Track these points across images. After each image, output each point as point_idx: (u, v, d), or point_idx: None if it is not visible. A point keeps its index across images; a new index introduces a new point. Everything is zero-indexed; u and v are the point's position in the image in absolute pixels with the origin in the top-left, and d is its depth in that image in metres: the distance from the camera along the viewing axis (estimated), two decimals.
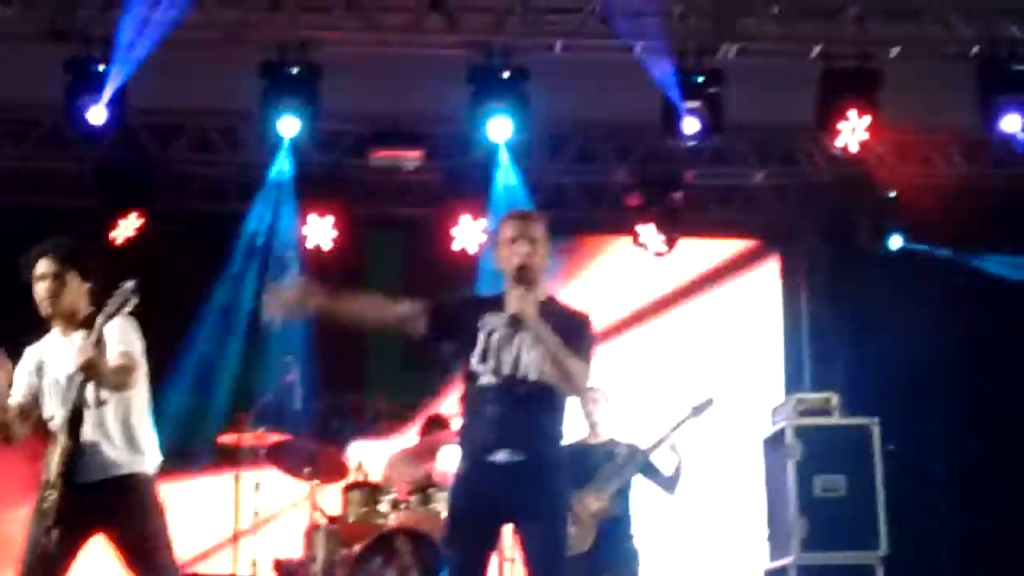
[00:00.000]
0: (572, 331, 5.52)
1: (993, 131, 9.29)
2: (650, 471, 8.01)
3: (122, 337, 5.44)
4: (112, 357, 5.40)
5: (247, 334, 10.33)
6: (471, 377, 5.42)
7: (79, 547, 5.49)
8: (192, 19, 8.82)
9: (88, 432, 5.42)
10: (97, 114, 8.99)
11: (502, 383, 5.37)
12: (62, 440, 5.38)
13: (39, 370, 5.65)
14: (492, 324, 5.43)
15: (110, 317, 5.28)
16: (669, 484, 8.06)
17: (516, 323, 5.26)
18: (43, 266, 5.55)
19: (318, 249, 10.57)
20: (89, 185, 10.47)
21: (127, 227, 10.17)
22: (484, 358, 5.41)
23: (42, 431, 5.70)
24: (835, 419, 9.00)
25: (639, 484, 8.12)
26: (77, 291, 5.61)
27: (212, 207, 10.90)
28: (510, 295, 5.42)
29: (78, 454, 5.40)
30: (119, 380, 5.46)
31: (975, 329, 10.26)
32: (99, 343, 5.30)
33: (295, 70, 9.16)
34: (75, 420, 5.36)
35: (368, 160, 10.37)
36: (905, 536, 8.81)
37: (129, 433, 5.58)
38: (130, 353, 5.44)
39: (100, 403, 5.48)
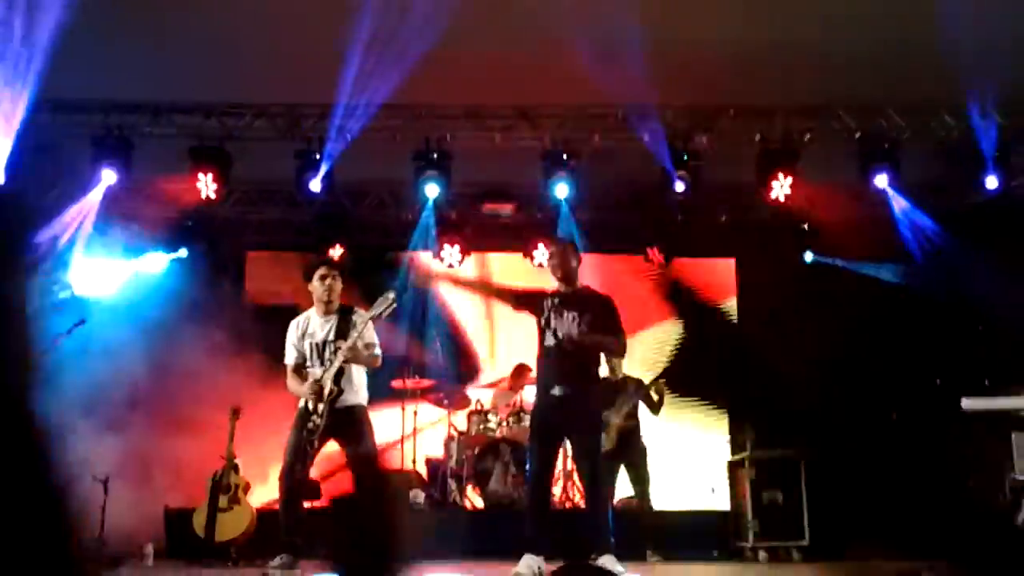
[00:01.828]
0: (604, 311, 6.09)
1: (870, 184, 9.25)
2: (646, 399, 8.25)
3: (372, 336, 6.05)
4: (368, 346, 6.02)
5: (410, 320, 10.33)
6: (539, 338, 6.00)
7: (322, 448, 6.01)
8: (371, 125, 8.90)
9: (342, 382, 5.95)
10: (315, 184, 9.15)
11: (556, 343, 5.92)
12: (328, 385, 5.89)
13: (303, 337, 6.21)
14: (551, 302, 6.00)
15: (373, 318, 5.88)
16: (655, 408, 8.35)
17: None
18: (323, 271, 6.12)
19: (451, 267, 10.67)
20: (310, 228, 10.70)
21: (334, 254, 10.21)
22: (546, 325, 5.98)
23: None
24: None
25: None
26: (339, 289, 6.19)
27: (385, 242, 10.99)
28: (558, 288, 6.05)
29: (339, 393, 5.91)
30: (372, 363, 6.07)
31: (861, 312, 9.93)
32: (360, 335, 5.93)
33: (435, 155, 9.31)
34: (339, 375, 5.91)
35: (482, 210, 10.69)
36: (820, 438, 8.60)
37: (358, 381, 6.14)
38: (375, 344, 6.07)
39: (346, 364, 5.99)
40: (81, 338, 7.20)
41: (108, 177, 9.02)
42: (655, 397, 8.31)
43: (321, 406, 5.90)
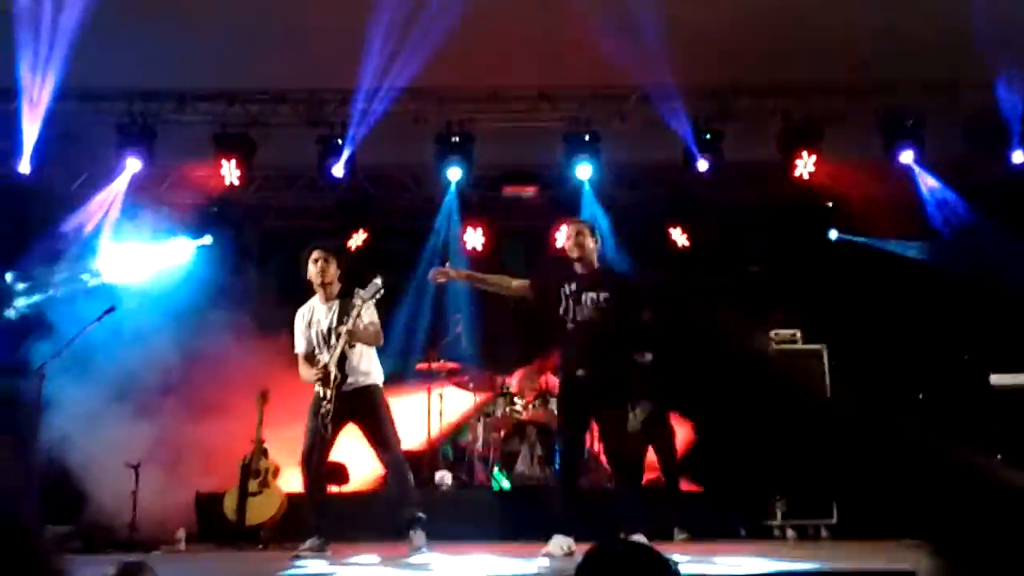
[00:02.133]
0: (624, 290, 6.06)
1: (895, 161, 9.29)
2: None
3: (372, 316, 6.03)
4: (369, 325, 6.00)
5: (434, 303, 10.32)
6: (560, 323, 5.97)
7: (340, 431, 6.04)
8: (393, 109, 8.93)
9: (345, 366, 5.95)
10: (337, 169, 9.25)
11: (576, 327, 5.91)
12: (332, 371, 5.90)
13: (309, 325, 6.20)
14: (568, 289, 5.95)
15: (365, 301, 5.88)
16: None
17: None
18: (316, 255, 6.13)
19: (474, 249, 10.62)
20: (333, 212, 10.69)
21: (357, 239, 10.37)
22: (565, 312, 5.96)
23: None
24: (799, 345, 8.46)
25: None
26: (334, 273, 6.20)
27: (408, 225, 10.94)
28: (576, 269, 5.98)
29: (342, 378, 5.93)
30: (374, 341, 6.06)
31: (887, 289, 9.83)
32: (359, 316, 5.93)
33: (457, 138, 9.34)
34: (342, 360, 5.92)
35: (503, 192, 10.67)
36: None
37: (366, 364, 6.14)
38: (376, 323, 6.04)
39: (351, 348, 6.00)
40: (111, 325, 7.23)
41: (133, 164, 9.11)
42: None
43: (329, 392, 5.92)
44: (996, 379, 6.50)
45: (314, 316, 6.22)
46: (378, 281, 5.97)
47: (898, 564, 3.88)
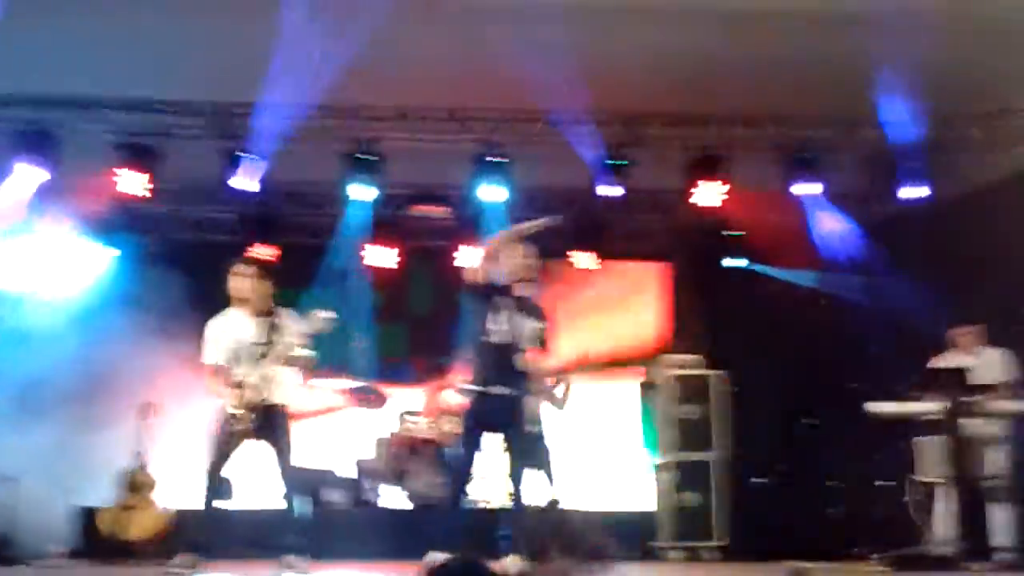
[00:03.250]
0: (548, 325, 6.05)
1: (790, 194, 9.44)
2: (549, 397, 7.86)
3: (302, 339, 5.96)
4: (301, 350, 5.96)
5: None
6: (483, 334, 5.88)
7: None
8: (302, 125, 8.76)
9: (271, 385, 5.95)
10: (241, 183, 9.10)
11: (507, 343, 5.87)
12: (255, 387, 5.88)
13: (224, 338, 6.07)
14: (501, 303, 5.91)
15: (309, 336, 5.87)
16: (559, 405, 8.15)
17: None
18: (244, 269, 6.03)
19: (380, 268, 10.55)
20: (239, 226, 10.58)
21: (263, 253, 10.13)
22: (493, 324, 5.87)
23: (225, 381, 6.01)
24: (699, 371, 8.86)
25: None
26: (265, 288, 6.09)
27: (315, 241, 10.66)
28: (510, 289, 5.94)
29: (262, 397, 5.90)
30: (307, 366, 6.03)
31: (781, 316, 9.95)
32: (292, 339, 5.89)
33: (365, 156, 9.27)
34: (266, 379, 5.92)
35: (410, 212, 10.57)
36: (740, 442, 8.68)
37: (284, 383, 6.08)
38: (309, 347, 5.99)
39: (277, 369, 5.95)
40: None
41: (31, 172, 8.86)
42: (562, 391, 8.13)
43: (240, 411, 5.85)
44: (871, 407, 6.64)
45: (236, 329, 6.09)
46: (332, 314, 5.88)
47: None
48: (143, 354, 8.27)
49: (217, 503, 6.14)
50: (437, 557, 5.58)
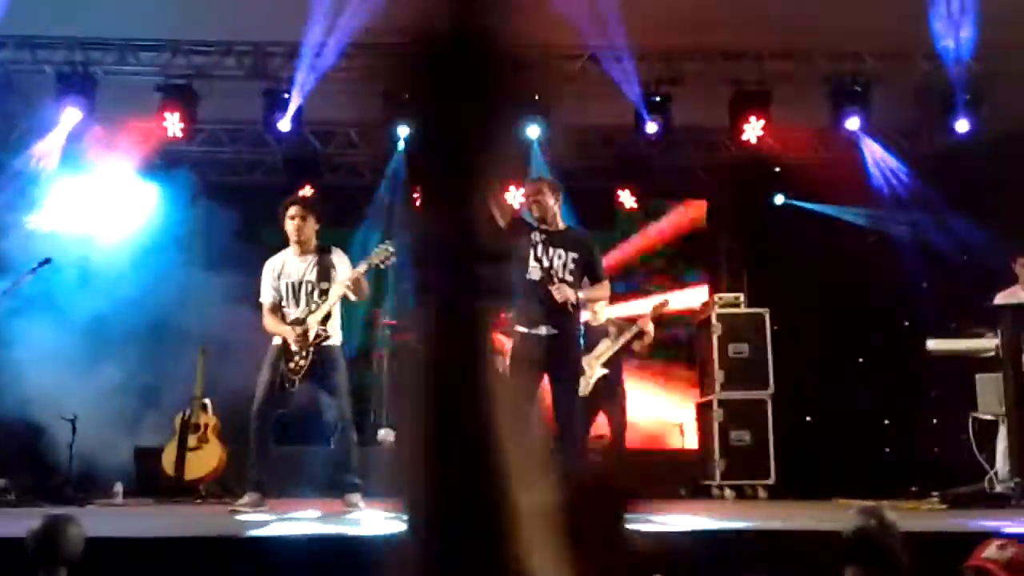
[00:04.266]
0: (590, 252, 6.00)
1: (840, 128, 9.26)
2: (627, 344, 8.12)
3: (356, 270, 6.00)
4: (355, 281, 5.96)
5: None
6: (522, 273, 5.80)
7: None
8: (341, 64, 8.74)
9: (328, 324, 5.97)
10: (284, 124, 9.03)
11: (543, 280, 5.82)
12: (315, 328, 5.91)
13: (278, 277, 6.13)
14: (536, 238, 5.85)
15: (372, 266, 5.92)
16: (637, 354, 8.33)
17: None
18: (293, 211, 6.06)
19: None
20: (280, 168, 10.42)
21: (309, 193, 9.62)
22: (532, 260, 5.83)
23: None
24: (741, 309, 8.80)
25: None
26: (311, 229, 6.12)
27: (355, 182, 10.73)
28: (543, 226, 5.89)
29: (325, 338, 5.95)
30: (364, 296, 6.04)
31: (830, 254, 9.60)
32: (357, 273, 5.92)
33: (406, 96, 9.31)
34: (326, 318, 5.98)
35: None
36: (786, 381, 8.55)
37: (336, 323, 6.11)
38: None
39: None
40: (50, 276, 7.11)
41: (73, 115, 8.85)
42: (648, 333, 8.17)
43: (304, 348, 5.87)
44: (932, 344, 6.57)
45: (285, 268, 6.13)
46: (390, 247, 5.96)
47: (827, 524, 3.90)
48: (199, 294, 8.26)
49: (275, 442, 6.18)
50: None
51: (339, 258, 6.08)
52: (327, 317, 5.98)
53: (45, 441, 7.43)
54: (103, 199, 9.44)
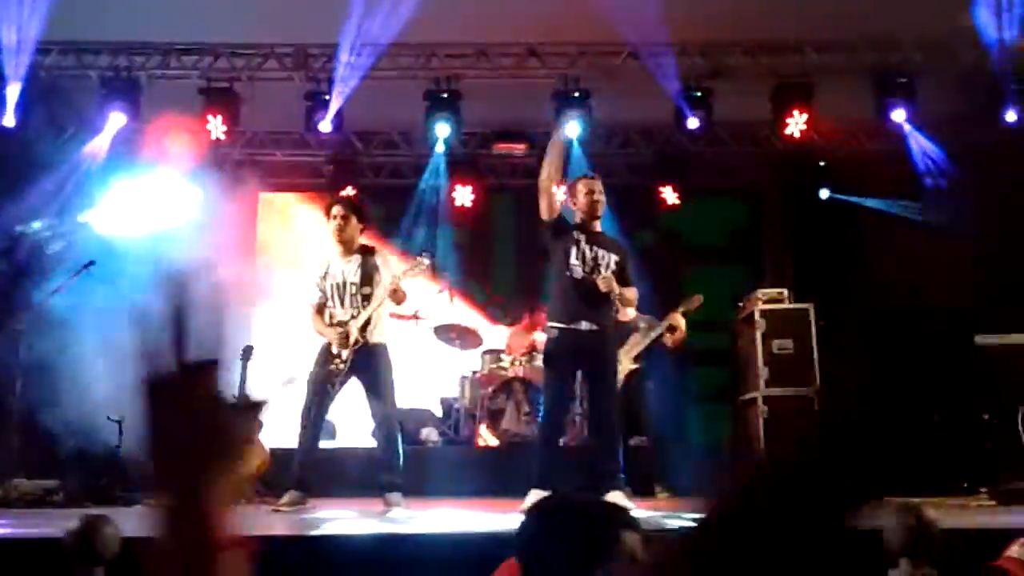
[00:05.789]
0: (625, 258, 6.00)
1: (886, 120, 9.18)
2: (658, 338, 8.15)
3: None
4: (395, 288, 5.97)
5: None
6: (564, 270, 5.87)
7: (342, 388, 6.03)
8: (381, 65, 8.85)
9: (367, 329, 6.00)
10: (325, 125, 9.11)
11: (585, 276, 5.85)
12: (355, 334, 5.93)
13: (324, 278, 6.16)
14: (579, 236, 5.89)
15: (404, 274, 5.96)
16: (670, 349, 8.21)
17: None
18: (336, 211, 6.08)
19: (463, 207, 10.45)
20: (321, 169, 10.39)
21: (350, 194, 9.49)
22: (574, 259, 5.87)
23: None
24: (785, 304, 8.63)
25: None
26: (353, 229, 6.14)
27: (396, 182, 10.84)
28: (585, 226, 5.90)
29: (364, 341, 5.96)
30: (401, 300, 6.07)
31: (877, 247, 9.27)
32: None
33: (445, 95, 9.20)
34: (366, 324, 5.99)
35: (493, 150, 10.49)
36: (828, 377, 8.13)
37: (382, 324, 6.14)
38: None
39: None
40: (97, 279, 7.17)
41: (117, 119, 8.97)
42: (679, 327, 8.12)
43: (345, 352, 5.90)
44: (980, 339, 6.45)
45: (330, 269, 6.19)
46: (425, 261, 6.09)
47: (870, 522, 3.82)
48: (235, 299, 8.30)
49: (319, 442, 6.21)
50: (542, 495, 5.60)
51: (382, 261, 6.10)
52: (367, 324, 6.00)
53: (94, 443, 7.50)
54: (150, 200, 9.51)
